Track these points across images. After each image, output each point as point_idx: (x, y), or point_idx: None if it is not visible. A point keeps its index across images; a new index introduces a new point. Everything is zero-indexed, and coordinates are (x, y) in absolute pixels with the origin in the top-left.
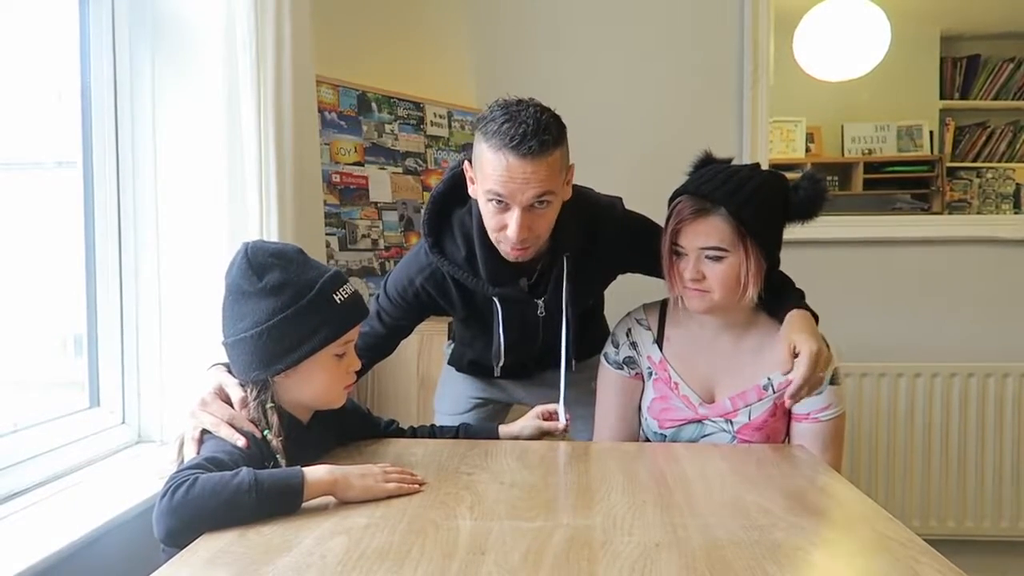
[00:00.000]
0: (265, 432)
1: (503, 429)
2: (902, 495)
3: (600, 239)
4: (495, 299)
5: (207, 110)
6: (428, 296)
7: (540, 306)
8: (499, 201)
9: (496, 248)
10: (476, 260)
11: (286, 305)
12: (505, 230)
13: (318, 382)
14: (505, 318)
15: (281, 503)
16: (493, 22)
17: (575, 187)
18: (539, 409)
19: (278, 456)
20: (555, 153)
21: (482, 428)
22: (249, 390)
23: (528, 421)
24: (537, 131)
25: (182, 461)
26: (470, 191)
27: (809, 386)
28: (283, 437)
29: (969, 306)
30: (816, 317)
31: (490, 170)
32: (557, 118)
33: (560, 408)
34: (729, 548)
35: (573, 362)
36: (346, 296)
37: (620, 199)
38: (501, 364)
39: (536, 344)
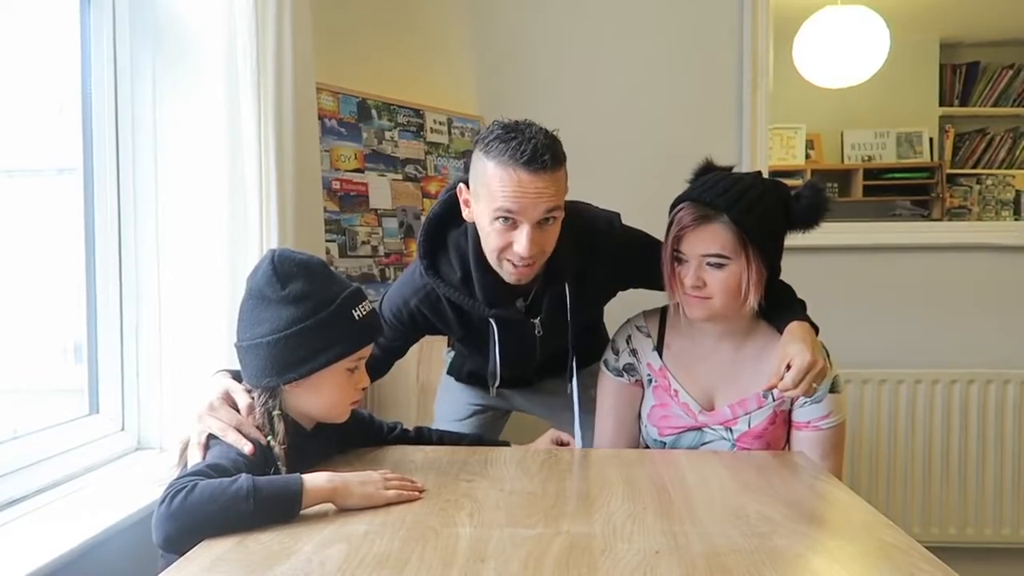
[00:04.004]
0: (269, 439)
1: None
2: (903, 502)
3: (598, 256)
4: (491, 320)
5: (208, 117)
6: (423, 318)
7: (537, 326)
8: (506, 219)
9: (492, 269)
10: (472, 281)
11: (306, 316)
12: (510, 249)
13: (326, 395)
14: (502, 339)
15: (279, 510)
16: (493, 30)
17: (572, 203)
18: (553, 434)
19: (279, 464)
20: (563, 168)
21: (494, 444)
22: (257, 396)
23: (543, 445)
24: (548, 146)
25: (184, 466)
26: (465, 215)
27: (798, 394)
28: (286, 445)
29: (969, 313)
30: (816, 329)
31: (498, 187)
32: (557, 137)
33: (576, 432)
34: (729, 555)
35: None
36: (364, 313)
37: (618, 215)
38: (497, 384)
39: (534, 361)
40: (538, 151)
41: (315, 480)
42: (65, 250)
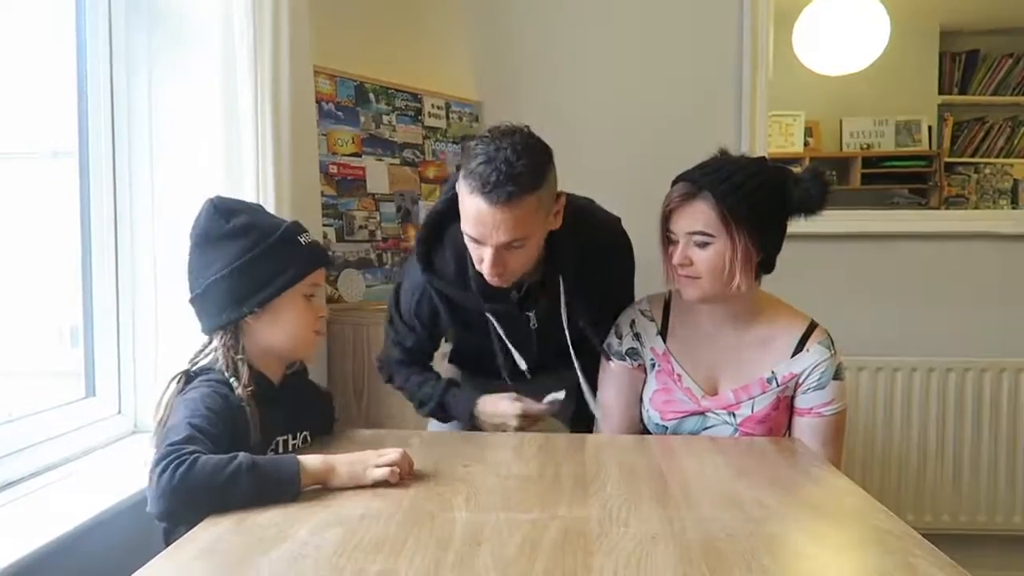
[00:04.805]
0: (232, 380)
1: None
2: (897, 489)
3: (598, 256)
4: (488, 313)
5: (204, 100)
6: (431, 308)
7: (531, 319)
8: (473, 238)
9: None
10: (467, 275)
11: (255, 244)
12: (483, 263)
13: (289, 323)
14: (503, 330)
15: (278, 489)
16: (492, 13)
17: (577, 199)
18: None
19: (245, 405)
20: (527, 200)
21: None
22: (219, 339)
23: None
24: (508, 179)
25: (163, 420)
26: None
27: None
28: (251, 388)
29: (965, 301)
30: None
31: (464, 209)
32: (535, 160)
33: (587, 395)
34: (724, 540)
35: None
36: (310, 240)
37: (619, 219)
38: (525, 367)
39: (532, 355)
40: (497, 185)
41: (311, 461)
42: (61, 233)
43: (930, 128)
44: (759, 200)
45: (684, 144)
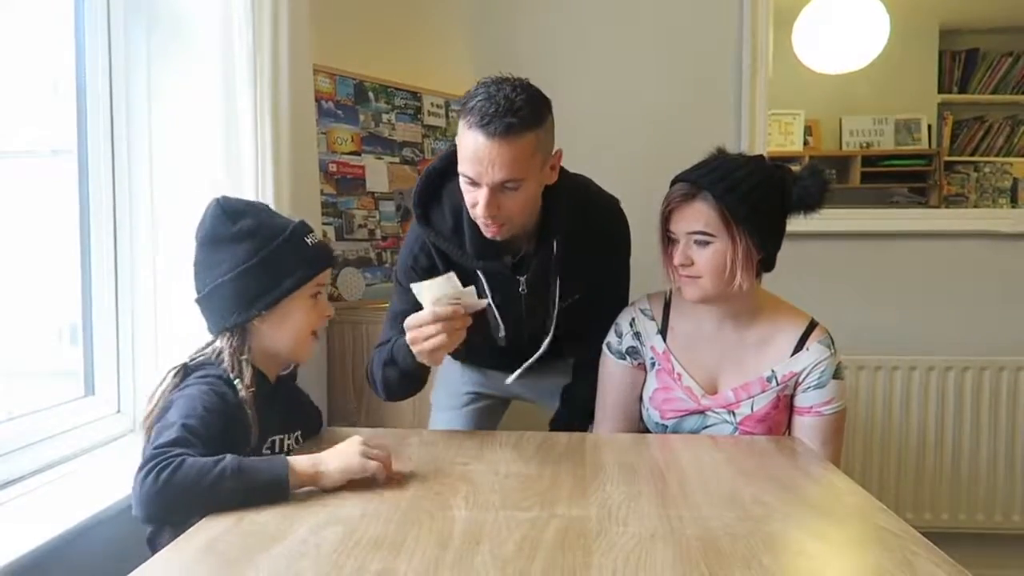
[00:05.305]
0: (236, 381)
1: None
2: (896, 488)
3: (592, 227)
4: (479, 272)
5: (203, 98)
6: (430, 263)
7: (522, 283)
8: (469, 178)
9: None
10: (463, 232)
11: (262, 245)
12: (477, 207)
13: (295, 324)
14: (491, 290)
15: (265, 492)
16: (491, 12)
17: (578, 177)
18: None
19: (247, 407)
20: (525, 136)
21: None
22: (225, 341)
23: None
24: (507, 112)
25: (153, 412)
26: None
27: None
28: (253, 389)
29: (964, 300)
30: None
31: (462, 147)
32: (535, 100)
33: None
34: (724, 539)
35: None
36: (316, 240)
37: (617, 200)
38: (503, 334)
39: (521, 325)
40: (495, 117)
41: (299, 463)
42: (60, 232)
43: (930, 127)
44: (759, 199)
45: (684, 143)
